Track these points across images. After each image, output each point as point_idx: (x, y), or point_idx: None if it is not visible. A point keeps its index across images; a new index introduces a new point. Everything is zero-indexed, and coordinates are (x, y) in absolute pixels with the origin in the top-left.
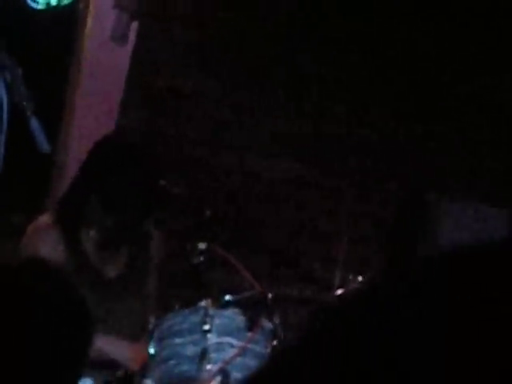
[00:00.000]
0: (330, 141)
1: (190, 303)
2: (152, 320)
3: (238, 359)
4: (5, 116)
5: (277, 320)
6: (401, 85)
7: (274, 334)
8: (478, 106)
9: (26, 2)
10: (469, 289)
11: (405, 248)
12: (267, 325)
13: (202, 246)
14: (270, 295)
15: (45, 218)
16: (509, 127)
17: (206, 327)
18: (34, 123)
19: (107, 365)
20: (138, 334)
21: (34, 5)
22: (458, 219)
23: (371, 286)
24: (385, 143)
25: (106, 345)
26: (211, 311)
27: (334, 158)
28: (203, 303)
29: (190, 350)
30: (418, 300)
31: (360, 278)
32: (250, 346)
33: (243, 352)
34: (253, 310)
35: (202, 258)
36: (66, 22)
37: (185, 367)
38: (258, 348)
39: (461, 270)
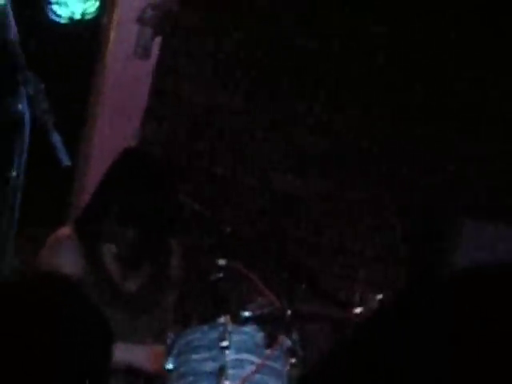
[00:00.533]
0: (353, 156)
1: (209, 319)
2: (171, 335)
3: (256, 376)
4: (27, 130)
5: (295, 337)
6: (427, 103)
7: (292, 352)
8: (503, 127)
9: (49, 17)
10: (475, 307)
11: (424, 268)
12: (286, 342)
13: (221, 262)
14: (288, 312)
15: (65, 231)
16: None
17: (225, 344)
18: (56, 137)
19: (127, 373)
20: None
21: (57, 19)
22: (477, 239)
23: (388, 307)
24: (405, 162)
25: (125, 352)
26: (230, 327)
27: (355, 173)
28: (222, 319)
29: (209, 367)
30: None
31: (380, 297)
32: (268, 363)
33: (261, 369)
34: (271, 326)
35: (221, 274)
36: (89, 37)
37: (203, 383)
38: (276, 365)
39: (470, 291)
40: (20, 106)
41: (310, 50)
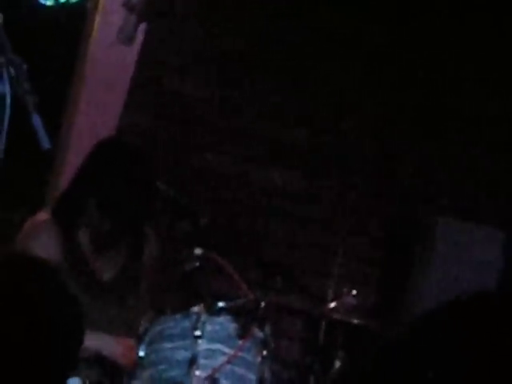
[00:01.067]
0: (333, 155)
1: (183, 308)
2: (144, 323)
3: (228, 367)
4: (7, 111)
5: (268, 330)
6: (400, 103)
7: (264, 344)
8: (476, 128)
9: None
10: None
11: (400, 266)
12: (258, 334)
13: (197, 251)
14: (262, 304)
15: (43, 215)
16: (505, 149)
17: (197, 333)
18: (36, 119)
19: (96, 360)
20: (131, 336)
21: (42, 1)
22: (454, 239)
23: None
24: (384, 161)
25: (96, 340)
26: (203, 317)
27: (335, 173)
28: (195, 309)
29: (180, 355)
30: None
31: (354, 292)
32: (240, 354)
33: (233, 360)
34: (245, 318)
35: (197, 264)
36: (74, 20)
37: (174, 372)
38: (248, 357)
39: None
40: (1, 87)
41: (295, 43)
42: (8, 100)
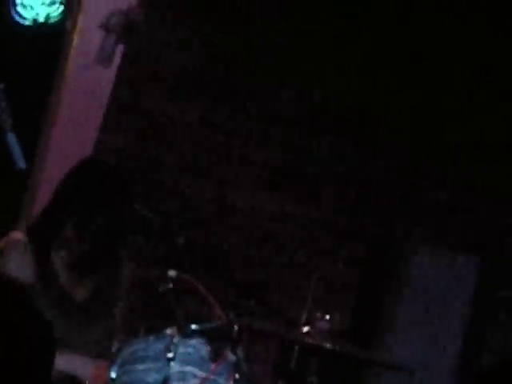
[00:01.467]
0: (310, 177)
1: (156, 330)
2: (116, 344)
3: None
4: None
5: (241, 353)
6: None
7: (236, 367)
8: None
9: (13, 18)
10: None
11: (373, 292)
12: (231, 357)
13: (171, 273)
14: (236, 327)
15: (17, 235)
16: (479, 174)
17: (170, 355)
18: (12, 138)
19: (69, 382)
20: (103, 357)
21: (21, 21)
22: (427, 266)
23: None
24: (360, 188)
25: (68, 362)
26: (176, 339)
27: (312, 195)
28: (169, 331)
29: (152, 378)
30: None
31: (327, 317)
32: (212, 377)
33: (205, 383)
34: (218, 341)
35: (170, 286)
36: (53, 40)
37: None
38: (220, 380)
39: None
40: None
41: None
42: None
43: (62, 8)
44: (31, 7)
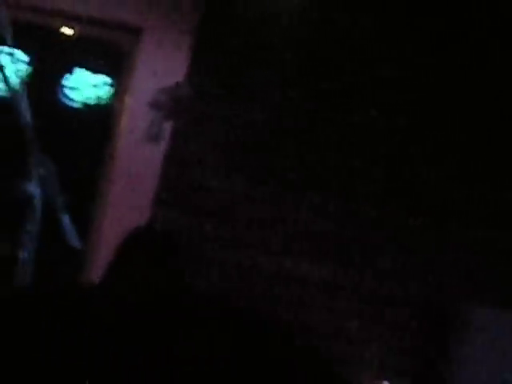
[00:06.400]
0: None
1: None
2: None
3: None
4: (37, 212)
5: None
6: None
7: None
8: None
9: (62, 101)
10: None
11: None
12: None
13: None
14: None
15: None
16: None
17: None
18: (66, 219)
19: None
20: None
21: (70, 103)
22: (492, 330)
23: None
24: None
25: None
26: None
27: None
28: None
29: None
30: None
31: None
32: None
33: None
34: None
35: None
36: (101, 120)
37: None
38: None
39: None
40: (30, 188)
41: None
42: (38, 201)
43: (111, 90)
44: (79, 90)
